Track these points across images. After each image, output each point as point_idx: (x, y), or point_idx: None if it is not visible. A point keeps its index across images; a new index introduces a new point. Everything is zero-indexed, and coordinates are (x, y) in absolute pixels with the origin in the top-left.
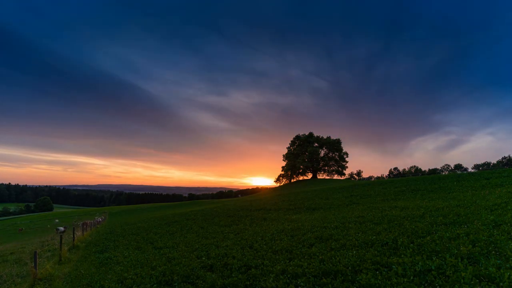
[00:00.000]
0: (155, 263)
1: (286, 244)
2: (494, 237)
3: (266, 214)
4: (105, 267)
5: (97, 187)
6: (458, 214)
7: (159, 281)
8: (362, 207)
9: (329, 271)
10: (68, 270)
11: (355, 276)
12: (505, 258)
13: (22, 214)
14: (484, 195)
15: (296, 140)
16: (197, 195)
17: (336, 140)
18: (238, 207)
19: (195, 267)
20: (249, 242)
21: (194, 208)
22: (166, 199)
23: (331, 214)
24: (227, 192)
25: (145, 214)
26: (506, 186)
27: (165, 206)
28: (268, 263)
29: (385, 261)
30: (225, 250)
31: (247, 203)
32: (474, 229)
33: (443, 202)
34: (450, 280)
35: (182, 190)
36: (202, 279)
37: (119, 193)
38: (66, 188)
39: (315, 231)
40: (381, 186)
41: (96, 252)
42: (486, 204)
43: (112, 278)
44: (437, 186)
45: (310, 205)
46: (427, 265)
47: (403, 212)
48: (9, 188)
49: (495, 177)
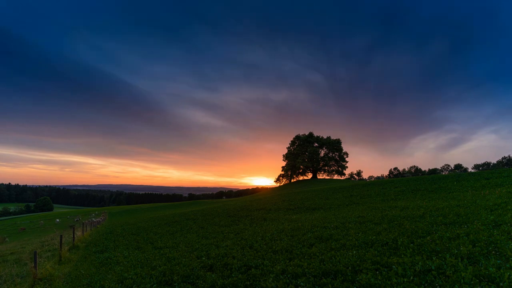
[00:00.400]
0: (155, 263)
1: (286, 244)
2: (494, 237)
3: (266, 214)
4: (105, 267)
5: (97, 187)
6: (458, 214)
7: (159, 281)
8: (362, 207)
9: (329, 271)
10: (68, 270)
11: (355, 276)
12: (505, 258)
13: (22, 214)
14: (484, 195)
15: (296, 140)
16: (197, 195)
17: (336, 140)
18: (238, 207)
19: (195, 267)
20: (249, 242)
21: (194, 208)
22: (166, 199)
23: (331, 214)
24: (227, 192)
25: (145, 214)
26: (506, 186)
27: (165, 206)
28: (268, 263)
29: (385, 261)
30: (225, 250)
31: (247, 203)
32: (474, 229)
33: (443, 202)
34: (450, 280)
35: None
36: (202, 279)
37: (119, 193)
38: (66, 188)
39: (315, 231)
40: (381, 186)
41: (96, 252)
42: (486, 204)
43: (112, 278)
44: (437, 186)
45: (310, 205)
46: (427, 265)
47: (403, 212)
48: (9, 188)
49: (495, 177)
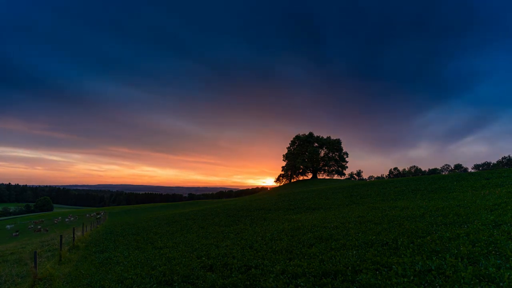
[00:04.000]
0: (155, 263)
1: (286, 244)
2: (494, 237)
3: (266, 214)
4: (105, 267)
5: (97, 187)
6: (458, 214)
7: (159, 281)
8: (362, 207)
9: (329, 271)
10: (68, 270)
11: (355, 276)
12: (505, 258)
13: (22, 214)
14: (484, 195)
15: (296, 140)
16: (197, 195)
17: (336, 140)
18: (238, 207)
19: (195, 267)
20: (249, 242)
21: (194, 208)
22: (166, 199)
23: (331, 214)
24: (227, 192)
25: (145, 214)
26: (506, 186)
27: (165, 206)
28: (268, 263)
29: (385, 261)
30: (225, 250)
31: (247, 203)
32: (474, 229)
33: (443, 202)
34: (450, 280)
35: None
36: (202, 279)
37: (119, 193)
38: (66, 188)
39: (315, 231)
40: (381, 186)
41: (96, 252)
42: (486, 204)
43: (112, 278)
44: (437, 186)
45: (310, 205)
46: (427, 265)
47: (403, 212)
48: (9, 188)
49: (495, 177)
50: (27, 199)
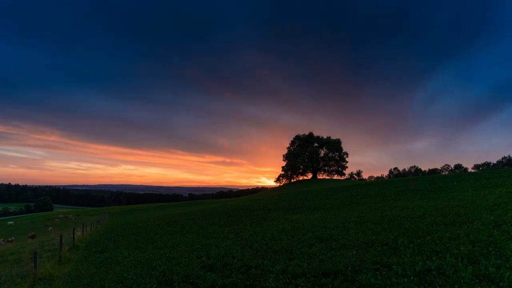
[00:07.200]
0: (155, 263)
1: (286, 244)
2: (494, 237)
3: (266, 214)
4: (105, 267)
5: (97, 187)
6: (458, 214)
7: (159, 281)
8: (362, 207)
9: (329, 271)
10: (68, 270)
11: (355, 276)
12: (505, 258)
13: (22, 214)
14: (484, 195)
15: (296, 140)
16: (197, 195)
17: (336, 140)
18: (238, 207)
19: (195, 267)
20: (249, 242)
21: (194, 208)
22: (166, 199)
23: (331, 214)
24: (227, 192)
25: (145, 214)
26: (506, 186)
27: (165, 206)
28: (268, 263)
29: (385, 261)
30: (225, 250)
31: (247, 203)
32: (474, 229)
33: (443, 202)
34: (450, 280)
35: (182, 190)
36: (202, 279)
37: (119, 193)
38: (66, 188)
39: (315, 231)
40: (381, 186)
41: (96, 252)
42: (486, 204)
43: (112, 278)
44: (437, 186)
45: (310, 205)
46: (427, 265)
47: (403, 212)
48: (9, 188)
49: (495, 177)
50: (27, 199)
